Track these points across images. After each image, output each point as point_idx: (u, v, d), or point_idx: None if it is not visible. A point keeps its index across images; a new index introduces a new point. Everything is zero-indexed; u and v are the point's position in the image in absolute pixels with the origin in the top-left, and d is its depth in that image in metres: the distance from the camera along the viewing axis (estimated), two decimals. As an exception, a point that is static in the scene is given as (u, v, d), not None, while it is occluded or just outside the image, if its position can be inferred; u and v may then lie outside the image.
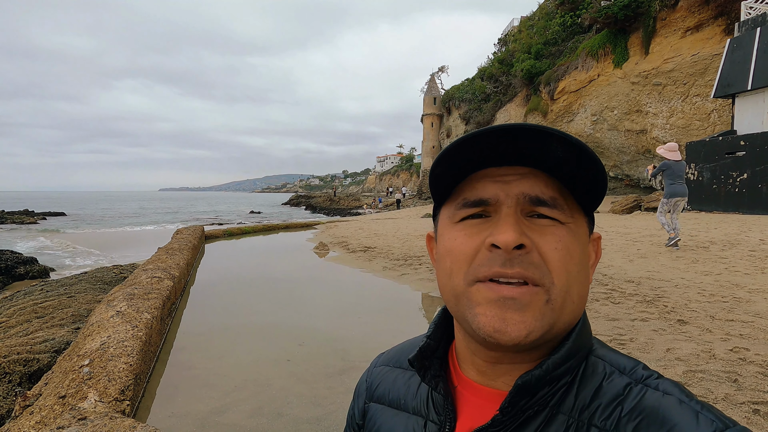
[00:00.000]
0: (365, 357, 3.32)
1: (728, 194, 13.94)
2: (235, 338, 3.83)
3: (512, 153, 0.47)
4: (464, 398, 0.52)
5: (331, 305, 4.90)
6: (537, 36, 33.20)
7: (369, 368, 0.66)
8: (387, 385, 0.60)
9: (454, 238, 0.49)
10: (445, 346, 0.57)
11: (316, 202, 50.36)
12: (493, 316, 0.45)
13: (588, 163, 0.46)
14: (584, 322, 0.50)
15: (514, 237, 0.44)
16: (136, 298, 3.39)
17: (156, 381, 2.94)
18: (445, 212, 0.52)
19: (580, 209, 0.50)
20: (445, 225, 0.52)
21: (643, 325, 3.58)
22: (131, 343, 2.59)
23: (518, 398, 0.45)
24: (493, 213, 0.48)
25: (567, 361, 0.46)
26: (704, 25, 19.90)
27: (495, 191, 0.48)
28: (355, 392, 0.66)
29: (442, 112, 47.71)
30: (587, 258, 0.50)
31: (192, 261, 6.72)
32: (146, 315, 3.08)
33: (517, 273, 0.45)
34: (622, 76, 23.82)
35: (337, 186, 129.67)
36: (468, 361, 0.52)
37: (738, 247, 6.45)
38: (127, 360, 2.43)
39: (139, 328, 2.80)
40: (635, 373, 0.46)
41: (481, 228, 0.48)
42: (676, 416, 0.41)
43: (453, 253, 0.49)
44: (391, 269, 6.49)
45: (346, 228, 12.34)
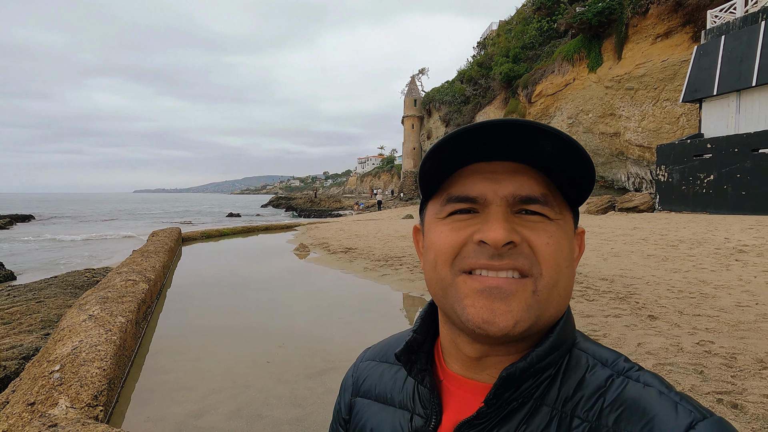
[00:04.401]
0: (346, 357, 3.32)
1: (696, 195, 14.50)
2: (213, 341, 3.77)
3: (502, 148, 0.46)
4: (450, 392, 0.52)
5: (312, 306, 4.88)
6: (515, 40, 33.83)
7: (355, 363, 0.66)
8: (373, 380, 0.61)
9: (440, 232, 0.49)
10: (432, 341, 0.57)
11: (296, 204, 49.91)
12: (482, 307, 0.45)
13: (578, 159, 0.46)
14: (568, 315, 0.51)
15: (504, 235, 0.44)
16: (110, 302, 3.30)
17: (131, 385, 2.87)
18: (432, 207, 0.52)
19: (566, 205, 0.50)
20: (431, 219, 0.52)
21: (616, 321, 3.70)
22: (105, 347, 2.52)
23: (503, 390, 0.46)
24: (481, 210, 0.48)
25: (551, 354, 0.47)
26: (673, 32, 20.66)
27: (483, 189, 0.47)
28: (342, 387, 0.66)
29: (422, 114, 48.03)
30: (573, 253, 0.51)
31: (168, 263, 6.58)
32: (120, 318, 3.01)
33: (506, 264, 0.45)
34: (597, 81, 24.50)
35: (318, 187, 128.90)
36: (453, 355, 0.52)
37: (705, 245, 6.73)
38: (100, 364, 2.37)
39: (113, 332, 2.73)
40: (617, 366, 0.47)
41: (468, 224, 0.48)
42: (656, 407, 0.42)
43: (438, 246, 0.49)
44: (372, 270, 6.50)
45: (327, 229, 12.28)
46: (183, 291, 5.60)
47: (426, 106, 46.04)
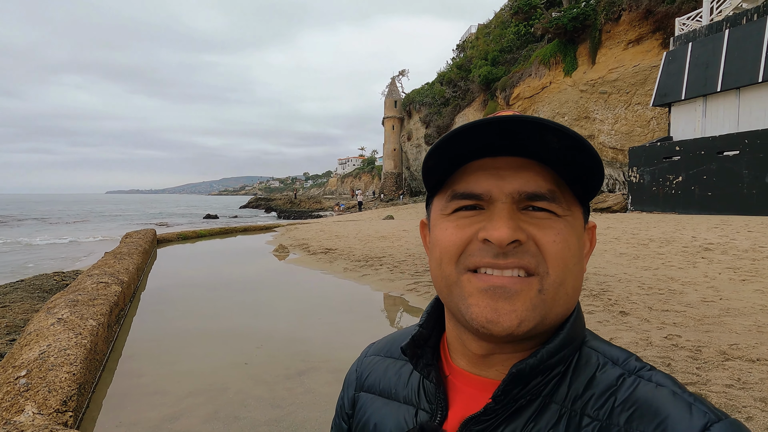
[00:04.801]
0: (326, 357, 3.32)
1: (666, 195, 15.03)
2: (189, 343, 3.70)
3: (507, 144, 0.45)
4: (456, 387, 0.51)
5: (291, 307, 4.84)
6: (493, 43, 34.37)
7: (359, 358, 0.66)
8: (377, 375, 0.60)
9: (444, 229, 0.49)
10: (438, 336, 0.56)
11: (276, 205, 49.35)
12: (486, 306, 0.44)
13: (585, 154, 0.44)
14: (578, 313, 0.49)
15: (508, 233, 0.44)
16: (80, 305, 3.20)
17: (103, 390, 2.79)
18: (437, 203, 0.51)
19: (576, 200, 0.49)
20: (437, 216, 0.51)
21: (589, 317, 3.81)
22: (74, 351, 2.45)
23: (511, 387, 0.45)
24: (486, 206, 0.47)
25: (561, 351, 0.46)
26: (644, 39, 21.38)
27: (488, 186, 0.46)
28: (345, 382, 0.65)
29: (402, 115, 48.24)
30: (582, 249, 0.49)
31: (143, 266, 6.41)
32: (91, 322, 2.92)
33: (511, 262, 0.44)
34: (572, 84, 25.12)
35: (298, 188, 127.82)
36: (459, 351, 0.52)
37: (673, 244, 6.99)
38: (69, 369, 2.30)
39: (83, 336, 2.65)
40: (628, 365, 0.46)
41: (473, 221, 0.47)
42: (669, 407, 0.41)
43: (443, 243, 0.48)
44: (353, 270, 6.49)
45: (307, 230, 12.20)
46: (158, 294, 5.47)
47: (406, 107, 46.27)
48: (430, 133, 40.19)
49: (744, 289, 4.43)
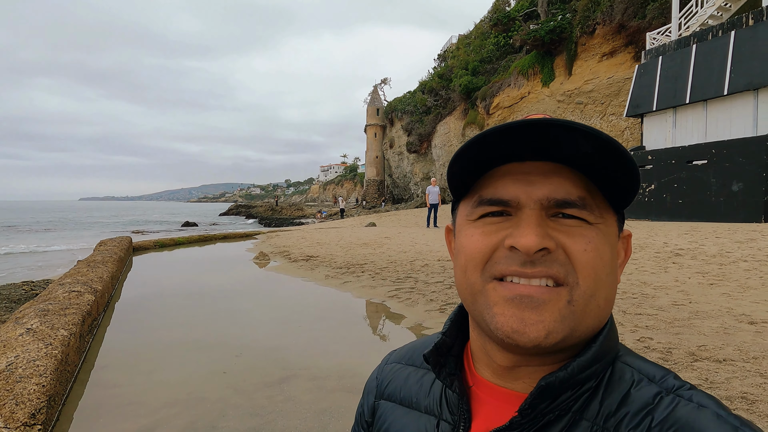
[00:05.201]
0: (306, 365, 3.29)
1: (639, 203, 15.51)
2: (165, 353, 3.62)
3: (536, 148, 0.43)
4: (480, 399, 0.50)
5: (271, 315, 4.79)
6: (473, 54, 35.03)
7: (380, 365, 0.64)
8: (398, 383, 0.58)
9: (470, 235, 0.47)
10: (461, 344, 0.54)
11: (257, 212, 48.77)
12: (511, 315, 0.43)
13: (618, 158, 0.42)
14: (611, 325, 0.47)
15: (536, 241, 0.42)
16: (51, 314, 3.10)
17: (74, 402, 2.70)
18: (463, 208, 0.50)
19: (609, 207, 0.46)
20: (462, 221, 0.50)
21: (566, 322, 3.89)
22: (44, 362, 2.37)
23: (539, 401, 0.43)
24: (513, 213, 0.45)
25: (593, 365, 0.44)
26: (617, 52, 22.17)
27: (516, 192, 0.45)
28: (365, 389, 0.64)
29: (384, 123, 48.54)
30: (616, 259, 0.47)
31: (118, 274, 6.25)
32: (62, 332, 2.83)
33: (539, 272, 0.43)
34: (549, 94, 25.79)
35: (280, 195, 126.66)
36: (483, 362, 0.50)
37: (646, 249, 7.22)
38: (39, 381, 2.22)
39: (53, 346, 2.57)
40: (666, 382, 0.43)
41: (500, 227, 0.45)
42: (714, 431, 0.38)
43: (468, 250, 0.47)
44: (334, 277, 6.47)
45: (288, 237, 12.10)
46: (133, 303, 5.33)
47: (388, 115, 46.60)
48: (412, 140, 40.53)
49: (712, 293, 4.60)
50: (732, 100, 13.84)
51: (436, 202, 15.35)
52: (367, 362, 3.34)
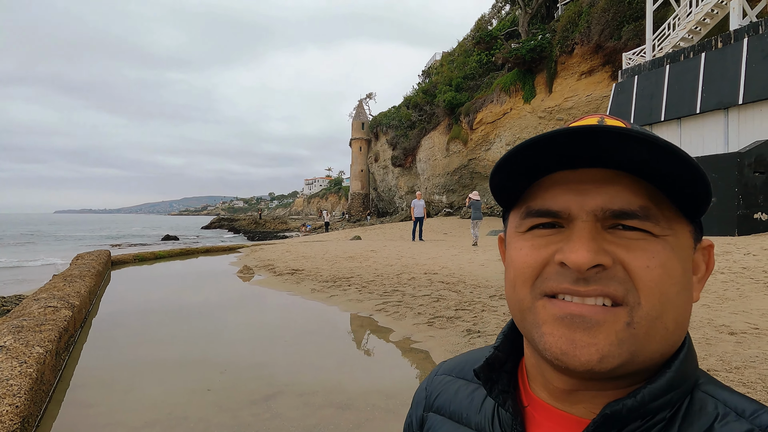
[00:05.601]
0: (292, 381, 3.22)
1: (619, 217, 15.90)
2: (145, 371, 3.50)
3: (589, 155, 0.40)
4: (535, 420, 0.46)
5: (256, 330, 4.69)
6: (457, 70, 35.78)
7: (429, 376, 0.62)
8: (448, 396, 0.56)
9: (519, 248, 0.44)
10: (515, 360, 0.51)
11: (240, 225, 48.14)
12: (561, 336, 0.40)
13: (679, 164, 0.38)
14: (689, 349, 0.43)
15: (588, 258, 0.38)
16: (26, 331, 2.97)
17: (48, 423, 2.57)
18: (512, 219, 0.47)
19: (681, 217, 0.42)
20: (512, 233, 0.47)
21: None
22: (18, 381, 2.26)
23: (603, 429, 0.39)
24: (565, 224, 0.42)
25: (667, 393, 0.40)
26: (595, 71, 22.93)
27: (566, 202, 0.41)
28: (414, 400, 0.62)
29: (370, 137, 48.86)
30: (690, 275, 0.43)
31: (96, 289, 6.05)
32: (38, 349, 2.71)
33: (593, 290, 0.39)
34: (531, 111, 26.42)
35: (263, 208, 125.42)
36: (538, 381, 0.47)
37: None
38: (12, 401, 2.11)
39: (28, 364, 2.45)
40: (759, 419, 0.38)
41: (550, 240, 0.42)
42: None
43: (517, 264, 0.44)
44: (320, 291, 6.39)
45: (273, 251, 11.95)
46: (112, 319, 5.16)
47: (373, 129, 46.95)
48: (396, 155, 40.85)
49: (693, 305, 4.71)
50: (704, 119, 14.41)
51: (421, 216, 15.42)
52: (355, 378, 3.29)
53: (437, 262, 8.80)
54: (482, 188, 32.86)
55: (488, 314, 4.68)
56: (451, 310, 4.95)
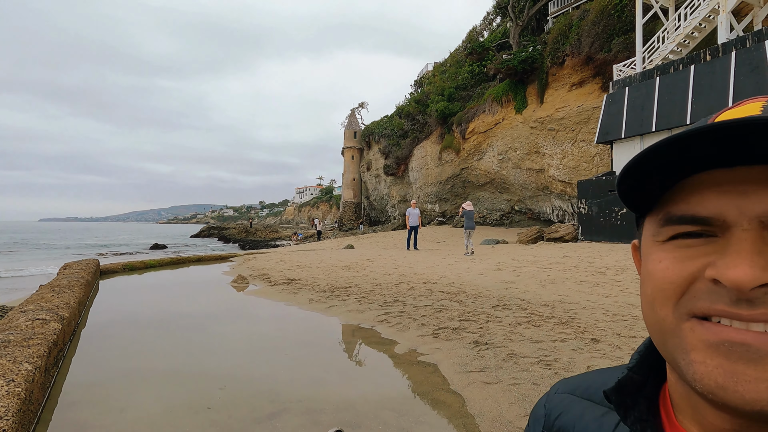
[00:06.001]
0: (297, 396, 3.07)
1: (612, 226, 15.99)
2: (140, 387, 3.31)
3: (749, 151, 0.33)
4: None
5: (255, 342, 4.52)
6: (449, 80, 36.10)
7: (548, 393, 0.58)
8: (571, 418, 0.50)
9: (658, 261, 0.38)
10: (655, 385, 0.45)
11: (230, 234, 47.58)
12: (716, 366, 0.33)
13: None
14: None
15: (753, 275, 0.32)
16: (12, 346, 2.78)
17: (36, 448, 2.39)
18: (649, 226, 0.40)
19: None
20: (648, 242, 0.40)
21: (563, 346, 3.82)
22: (6, 402, 2.08)
23: None
24: (719, 233, 0.35)
25: None
26: (586, 82, 23.27)
27: (720, 207, 0.34)
28: (531, 416, 0.57)
29: (362, 146, 48.92)
30: None
31: (84, 300, 5.81)
32: (26, 366, 2.53)
33: (761, 314, 0.32)
34: (523, 121, 26.68)
35: (253, 217, 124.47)
36: (687, 414, 0.40)
37: (627, 272, 7.35)
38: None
39: (17, 383, 2.28)
40: None
41: (698, 252, 0.35)
42: None
43: (656, 280, 0.38)
44: (318, 301, 6.23)
45: (266, 260, 11.74)
46: (102, 331, 4.93)
47: (366, 138, 47.02)
48: (389, 163, 40.89)
49: None
50: (694, 129, 14.63)
51: (416, 224, 15.35)
52: (362, 393, 3.14)
53: (435, 271, 8.70)
54: (474, 197, 33.00)
55: (494, 325, 4.58)
56: (455, 321, 4.83)
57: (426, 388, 3.16)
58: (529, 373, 3.22)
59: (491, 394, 2.93)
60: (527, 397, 2.83)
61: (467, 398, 2.92)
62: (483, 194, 32.18)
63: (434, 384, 3.22)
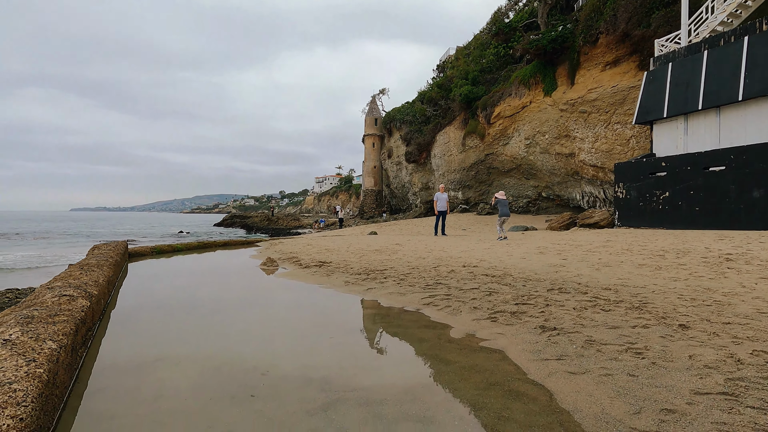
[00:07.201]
0: (351, 385, 2.68)
1: (653, 211, 15.10)
2: (173, 373, 2.98)
3: None
4: None
5: (293, 326, 4.16)
6: (473, 64, 34.99)
7: None
8: None
9: None
10: None
11: (252, 222, 47.94)
12: None
13: None
14: None
15: None
16: (36, 322, 2.47)
17: (62, 439, 2.07)
18: None
19: None
20: None
21: (648, 332, 3.32)
22: (24, 385, 1.75)
23: None
24: None
25: None
26: (621, 61, 22.03)
27: None
28: None
29: (383, 133, 48.27)
30: None
31: (114, 280, 5.58)
32: (50, 344, 2.21)
33: None
34: (552, 104, 25.58)
35: (274, 206, 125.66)
36: None
37: (690, 254, 6.71)
38: (15, 412, 1.60)
39: (38, 363, 1.95)
40: None
41: None
42: None
43: None
44: (355, 284, 5.85)
45: (293, 244, 11.46)
46: (132, 313, 4.67)
47: (387, 125, 46.33)
48: (410, 150, 40.19)
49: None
50: (747, 106, 13.55)
51: (444, 209, 14.82)
52: (423, 382, 2.73)
53: (472, 255, 8.21)
54: (499, 184, 32.10)
55: (556, 309, 4.09)
56: (510, 304, 4.37)
57: (498, 377, 2.73)
58: (621, 363, 2.75)
59: (582, 387, 2.47)
60: (629, 391, 2.36)
61: (554, 391, 2.47)
62: (509, 181, 31.24)
63: (507, 373, 2.78)
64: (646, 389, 2.37)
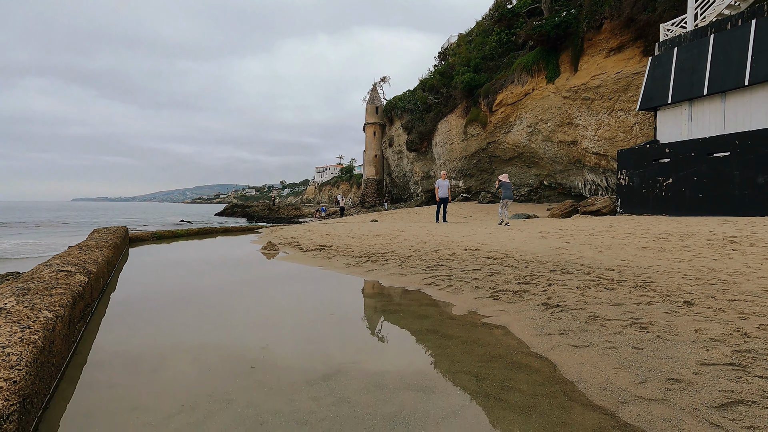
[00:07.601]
0: (352, 358, 2.65)
1: (656, 198, 15.00)
2: (174, 346, 2.96)
3: None
4: None
5: (294, 304, 4.14)
6: (475, 51, 34.56)
7: None
8: None
9: None
10: None
11: (253, 212, 47.92)
12: None
13: None
14: None
15: None
16: (32, 293, 2.44)
17: (61, 405, 2.04)
18: None
19: None
20: None
21: (652, 309, 3.28)
22: (18, 349, 1.71)
23: None
24: None
25: None
26: (625, 47, 21.71)
27: None
28: None
29: (384, 122, 47.94)
30: None
31: (114, 261, 5.56)
32: (46, 313, 2.17)
33: None
34: (555, 91, 25.30)
35: (275, 196, 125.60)
36: None
37: (694, 237, 6.65)
38: (7, 374, 1.57)
39: (33, 330, 1.91)
40: None
41: None
42: None
43: None
44: (356, 266, 5.82)
45: (294, 230, 11.43)
46: (132, 294, 4.65)
47: (388, 113, 45.98)
48: (412, 139, 39.95)
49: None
50: (753, 91, 13.37)
51: (445, 196, 14.74)
52: (426, 357, 2.70)
53: (474, 239, 8.17)
54: (501, 172, 31.94)
55: (559, 288, 4.06)
56: (512, 284, 4.33)
57: (501, 351, 2.70)
58: (625, 337, 2.71)
59: (586, 359, 2.44)
60: (634, 362, 2.32)
61: (557, 363, 2.44)
62: (510, 169, 31.07)
63: (509, 347, 2.75)
64: (651, 360, 2.33)
